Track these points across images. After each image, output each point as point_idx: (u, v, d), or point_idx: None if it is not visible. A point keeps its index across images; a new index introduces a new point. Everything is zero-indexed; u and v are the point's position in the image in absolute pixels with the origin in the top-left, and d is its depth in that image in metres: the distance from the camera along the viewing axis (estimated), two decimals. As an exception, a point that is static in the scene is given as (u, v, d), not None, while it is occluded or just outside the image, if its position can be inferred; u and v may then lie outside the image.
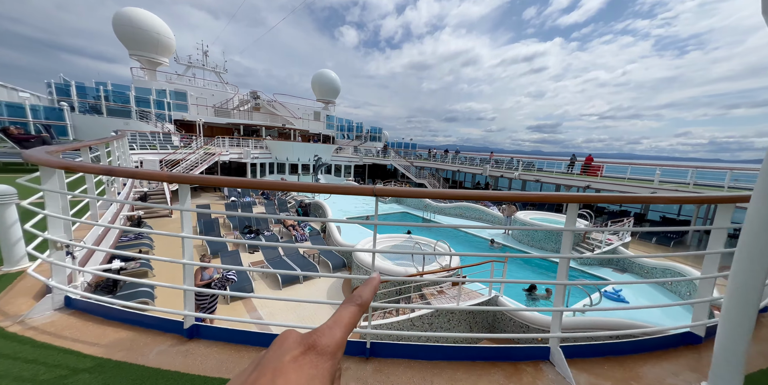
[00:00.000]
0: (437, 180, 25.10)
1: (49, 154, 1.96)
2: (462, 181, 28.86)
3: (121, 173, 1.63)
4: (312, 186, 1.43)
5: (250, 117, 29.63)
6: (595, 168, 15.16)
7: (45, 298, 1.87)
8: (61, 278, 1.90)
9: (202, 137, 21.25)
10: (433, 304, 5.45)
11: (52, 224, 1.87)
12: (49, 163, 1.75)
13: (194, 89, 27.52)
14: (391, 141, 40.54)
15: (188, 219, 1.65)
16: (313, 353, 0.23)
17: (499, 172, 19.87)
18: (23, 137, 8.41)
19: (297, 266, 8.59)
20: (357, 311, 0.28)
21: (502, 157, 23.22)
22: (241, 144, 23.19)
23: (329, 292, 7.75)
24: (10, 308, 1.91)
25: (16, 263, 2.49)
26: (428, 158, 30.01)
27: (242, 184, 1.60)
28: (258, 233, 11.37)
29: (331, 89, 36.51)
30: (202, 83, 29.93)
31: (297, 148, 24.82)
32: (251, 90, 31.27)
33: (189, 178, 1.56)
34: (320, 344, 0.24)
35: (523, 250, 11.27)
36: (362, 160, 29.12)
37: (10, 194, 2.41)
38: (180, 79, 28.24)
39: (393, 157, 28.24)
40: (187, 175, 1.56)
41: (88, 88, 19.88)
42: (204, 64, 30.65)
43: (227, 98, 30.08)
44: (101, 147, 4.48)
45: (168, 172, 1.58)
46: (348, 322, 0.27)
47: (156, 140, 18.36)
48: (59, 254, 1.87)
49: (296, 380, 0.20)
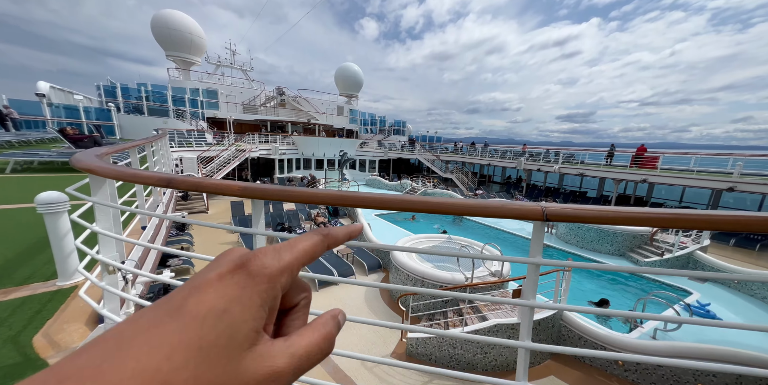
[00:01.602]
0: (465, 175, 24.07)
1: (99, 159, 1.67)
2: (491, 176, 27.51)
3: (182, 185, 1.28)
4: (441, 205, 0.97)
5: (276, 113, 30.03)
6: (651, 159, 13.48)
7: (97, 329, 1.60)
8: (113, 306, 1.63)
9: (233, 134, 21.79)
10: (489, 318, 4.92)
11: (103, 242, 1.58)
12: (100, 172, 1.44)
13: (224, 87, 28.27)
14: (414, 134, 39.57)
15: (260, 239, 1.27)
16: (242, 273, 0.19)
17: (535, 166, 18.51)
18: (78, 137, 8.79)
19: (331, 265, 8.38)
20: (319, 241, 0.25)
21: (536, 150, 21.70)
22: (269, 140, 23.54)
23: (366, 294, 7.46)
24: (61, 337, 1.67)
25: (70, 277, 2.31)
26: (454, 152, 28.88)
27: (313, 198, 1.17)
28: (291, 230, 11.36)
29: (354, 83, 36.07)
30: (230, 81, 30.71)
31: (323, 143, 24.80)
32: (276, 86, 31.63)
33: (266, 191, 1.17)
34: (254, 264, 0.20)
35: (570, 251, 10.30)
36: (387, 154, 28.60)
37: (62, 201, 2.21)
38: (210, 78, 29.14)
39: (419, 150, 27.44)
40: (260, 186, 1.17)
41: (131, 90, 21.00)
42: (232, 63, 31.39)
43: (254, 95, 30.67)
44: (147, 146, 4.37)
45: (240, 184, 1.19)
46: (303, 248, 0.23)
47: (192, 138, 19.03)
48: (111, 278, 1.59)
49: (211, 301, 0.17)
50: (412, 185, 20.13)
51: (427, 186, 19.91)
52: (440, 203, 0.95)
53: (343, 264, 8.53)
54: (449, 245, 8.71)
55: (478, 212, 0.93)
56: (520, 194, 19.50)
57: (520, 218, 0.92)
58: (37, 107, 15.65)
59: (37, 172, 7.16)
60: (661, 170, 13.08)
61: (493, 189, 23.47)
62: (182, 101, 23.22)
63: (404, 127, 38.97)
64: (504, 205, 0.92)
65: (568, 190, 19.90)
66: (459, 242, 8.54)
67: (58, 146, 9.63)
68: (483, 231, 13.16)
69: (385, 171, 30.34)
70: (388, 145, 31.11)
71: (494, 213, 0.92)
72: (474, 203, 0.93)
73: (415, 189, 19.42)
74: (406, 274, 6.81)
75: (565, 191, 19.86)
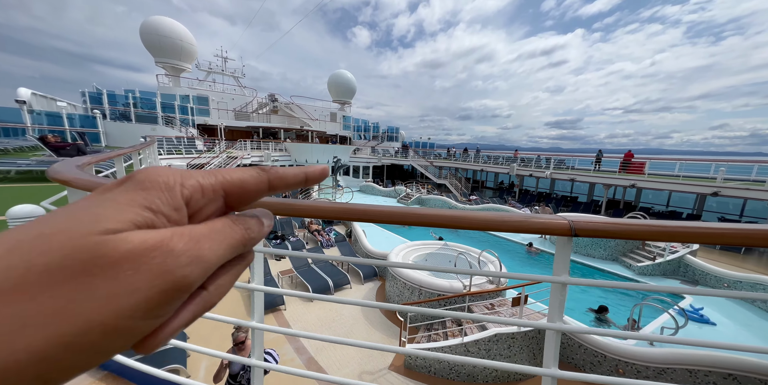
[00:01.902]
0: (459, 180, 24.23)
1: (79, 170, 1.55)
2: (484, 181, 27.78)
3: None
4: (464, 218, 0.90)
5: (268, 120, 29.85)
6: (638, 165, 13.83)
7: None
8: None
9: (224, 141, 21.47)
10: (488, 326, 4.82)
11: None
12: (79, 184, 1.32)
13: (215, 94, 28.02)
14: (408, 141, 39.85)
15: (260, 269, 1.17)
16: (129, 182, 0.18)
17: (527, 171, 18.77)
18: (59, 145, 8.51)
19: (326, 274, 8.19)
20: (255, 174, 0.22)
21: (527, 155, 22.08)
22: (261, 147, 23.29)
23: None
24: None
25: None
26: (448, 158, 29.13)
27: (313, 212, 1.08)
28: (284, 239, 11.11)
29: (347, 90, 36.31)
30: (221, 88, 30.49)
31: (316, 149, 24.69)
32: (269, 93, 31.58)
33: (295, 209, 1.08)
34: (141, 173, 0.18)
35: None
36: (380, 160, 28.65)
37: (36, 215, 2.05)
38: (201, 85, 28.88)
39: (412, 157, 27.59)
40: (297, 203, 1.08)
41: (118, 96, 20.58)
42: (223, 70, 31.27)
43: (246, 102, 30.47)
44: (134, 155, 4.20)
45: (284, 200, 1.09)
46: (231, 175, 0.21)
47: (181, 145, 18.66)
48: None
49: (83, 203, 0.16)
50: (407, 191, 20.11)
51: (422, 192, 19.93)
52: (458, 216, 0.88)
53: (338, 273, 8.35)
54: (445, 251, 8.63)
55: (498, 226, 0.85)
56: (513, 199, 19.70)
57: (544, 233, 0.85)
58: (17, 114, 15.10)
59: (14, 182, 6.81)
60: (649, 176, 13.40)
61: (487, 195, 23.66)
62: (172, 108, 22.85)
63: (397, 134, 39.25)
64: (527, 219, 0.85)
65: (559, 196, 20.20)
66: (455, 248, 8.47)
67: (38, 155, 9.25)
68: (479, 236, 13.16)
69: (379, 177, 30.31)
70: (382, 152, 31.22)
71: (516, 228, 0.85)
72: (493, 217, 0.85)
73: (409, 195, 19.40)
74: (402, 282, 6.69)
75: (556, 196, 20.15)
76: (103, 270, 0.14)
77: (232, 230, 0.20)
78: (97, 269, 0.14)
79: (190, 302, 0.18)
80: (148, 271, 0.15)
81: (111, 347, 0.14)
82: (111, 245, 0.14)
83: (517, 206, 15.32)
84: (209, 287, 0.19)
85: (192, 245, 0.17)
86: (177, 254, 0.16)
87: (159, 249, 0.15)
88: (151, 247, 0.15)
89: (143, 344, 0.16)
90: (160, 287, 0.15)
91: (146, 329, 0.15)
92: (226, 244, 0.19)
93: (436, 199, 17.94)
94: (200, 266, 0.17)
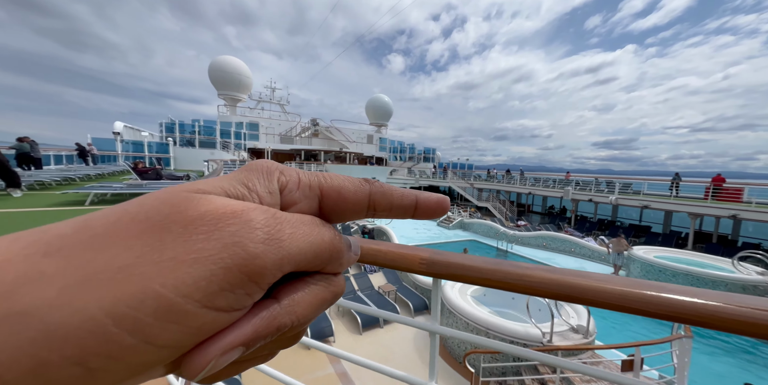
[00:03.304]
0: (502, 203, 22.81)
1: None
2: (530, 205, 25.83)
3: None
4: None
5: (309, 142, 31.65)
6: (734, 191, 11.68)
7: None
8: None
9: (271, 163, 23.00)
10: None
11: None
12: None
13: (264, 120, 30.72)
14: (444, 162, 39.36)
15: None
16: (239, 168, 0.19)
17: (585, 196, 16.96)
18: (144, 170, 9.71)
19: (373, 303, 7.66)
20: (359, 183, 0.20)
21: (582, 178, 20.19)
22: (303, 168, 24.43)
23: (416, 340, 6.56)
24: None
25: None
26: (488, 179, 27.92)
27: None
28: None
29: (384, 113, 37.65)
30: (268, 114, 33.44)
31: (355, 171, 25.30)
32: (311, 118, 33.83)
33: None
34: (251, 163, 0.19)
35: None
36: (417, 181, 28.34)
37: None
38: (251, 112, 31.99)
39: (451, 178, 26.88)
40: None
41: (186, 125, 23.51)
42: (271, 99, 34.50)
43: (291, 126, 32.87)
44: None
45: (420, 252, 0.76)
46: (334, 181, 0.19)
47: (235, 166, 20.30)
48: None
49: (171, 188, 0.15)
50: (448, 214, 19.29)
51: (463, 215, 18.97)
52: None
53: (386, 302, 7.78)
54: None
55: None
56: (569, 226, 17.81)
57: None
58: (111, 144, 18.57)
59: (110, 204, 7.57)
60: (756, 205, 10.92)
61: (535, 220, 21.81)
62: (228, 134, 25.42)
63: (434, 155, 39.10)
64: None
65: (626, 224, 17.82)
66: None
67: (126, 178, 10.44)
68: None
69: (415, 198, 29.78)
70: (418, 173, 31.01)
71: None
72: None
73: (450, 219, 18.55)
74: (465, 321, 5.89)
75: (621, 224, 17.84)
76: (177, 228, 0.13)
77: (319, 230, 0.17)
78: (174, 225, 0.13)
79: (253, 312, 0.14)
80: (218, 240, 0.13)
81: (154, 355, 0.11)
82: (194, 203, 0.14)
83: (575, 235, 13.68)
84: (282, 300, 0.16)
85: (273, 223, 0.15)
86: (254, 225, 0.14)
87: (238, 217, 0.14)
88: (230, 213, 0.14)
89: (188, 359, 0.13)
90: (225, 261, 0.13)
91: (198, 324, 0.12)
92: (309, 239, 0.16)
93: (481, 223, 16.84)
94: (275, 250, 0.14)
